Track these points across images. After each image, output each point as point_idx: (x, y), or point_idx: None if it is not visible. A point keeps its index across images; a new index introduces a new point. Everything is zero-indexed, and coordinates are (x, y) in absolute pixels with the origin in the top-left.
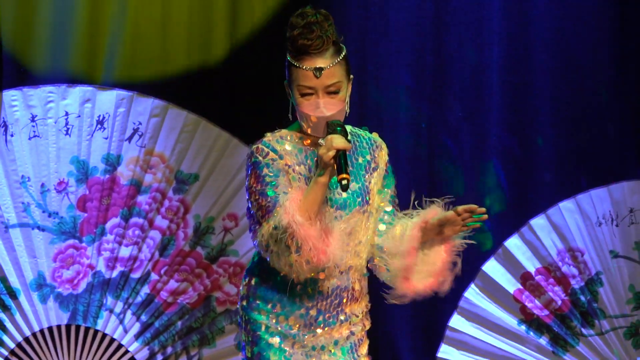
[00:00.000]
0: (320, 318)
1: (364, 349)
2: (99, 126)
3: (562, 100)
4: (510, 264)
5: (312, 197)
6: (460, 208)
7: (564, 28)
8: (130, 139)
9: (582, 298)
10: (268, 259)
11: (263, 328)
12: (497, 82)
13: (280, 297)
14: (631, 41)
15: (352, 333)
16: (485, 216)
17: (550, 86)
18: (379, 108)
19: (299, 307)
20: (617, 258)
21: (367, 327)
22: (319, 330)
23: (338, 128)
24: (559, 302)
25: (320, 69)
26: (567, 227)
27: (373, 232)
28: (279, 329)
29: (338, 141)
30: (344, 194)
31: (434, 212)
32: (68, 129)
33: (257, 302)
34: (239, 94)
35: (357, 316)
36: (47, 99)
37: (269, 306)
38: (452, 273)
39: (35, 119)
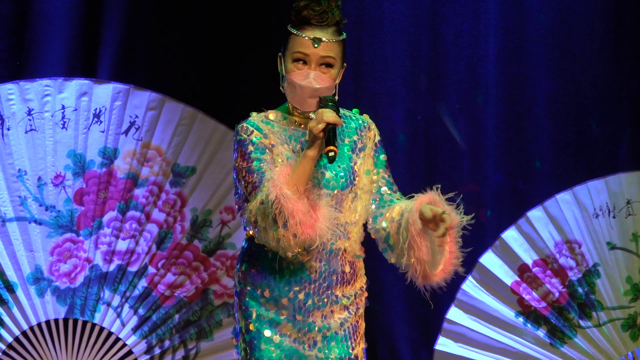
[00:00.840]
0: (310, 302)
1: (358, 336)
2: (96, 119)
3: (558, 92)
4: (508, 256)
5: (301, 171)
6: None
7: (559, 20)
8: (127, 132)
9: (580, 290)
10: (257, 236)
11: (254, 316)
12: (493, 73)
13: (268, 282)
14: (626, 32)
15: (346, 320)
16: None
17: (546, 78)
18: (374, 100)
19: (287, 291)
20: (614, 250)
21: (362, 309)
22: (309, 317)
23: (330, 103)
24: (557, 294)
25: (320, 40)
26: (564, 219)
27: (363, 214)
28: (270, 316)
29: (329, 115)
30: (328, 174)
31: (429, 198)
32: (65, 122)
33: (248, 288)
34: (236, 86)
35: (349, 298)
36: (43, 93)
37: (258, 292)
38: (458, 261)
39: (32, 112)
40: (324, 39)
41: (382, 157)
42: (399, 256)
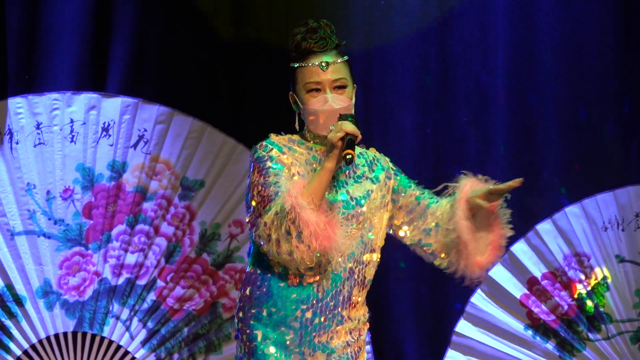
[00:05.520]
0: (317, 320)
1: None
2: (104, 133)
3: (567, 105)
4: (517, 269)
5: (317, 183)
6: (499, 188)
7: (568, 33)
8: (135, 145)
9: (589, 303)
10: (269, 251)
11: (259, 338)
12: (502, 87)
13: (275, 302)
14: (636, 46)
15: (348, 344)
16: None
17: (555, 91)
18: (384, 113)
19: (294, 310)
20: (623, 262)
21: (364, 337)
22: (315, 337)
23: (350, 119)
24: (566, 307)
25: (327, 63)
26: (573, 232)
27: (377, 240)
28: (275, 337)
29: (348, 126)
30: (340, 198)
31: (470, 184)
32: (73, 136)
33: (252, 310)
34: (245, 100)
35: (353, 322)
36: (52, 106)
37: (264, 313)
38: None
39: (41, 126)
40: (330, 61)
41: (402, 175)
42: (447, 249)
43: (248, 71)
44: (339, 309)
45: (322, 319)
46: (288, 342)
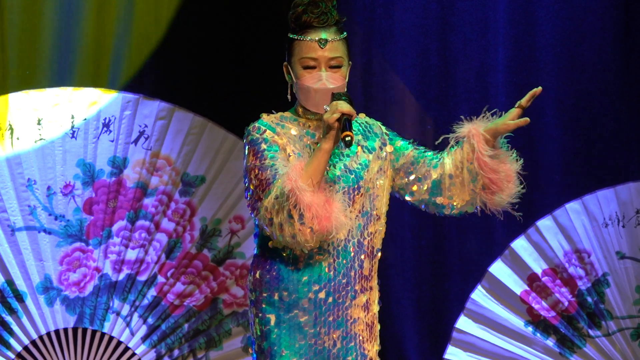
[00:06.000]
0: (330, 299)
1: (373, 338)
2: (105, 129)
3: (568, 101)
4: (517, 265)
5: (315, 164)
6: (524, 101)
7: (569, 29)
8: (136, 141)
9: (589, 299)
10: (272, 234)
11: (272, 322)
12: (503, 82)
13: (287, 285)
14: (636, 42)
15: (362, 320)
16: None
17: (556, 87)
18: (385, 109)
19: (306, 292)
20: (623, 259)
21: (377, 309)
22: (330, 316)
23: (344, 97)
24: (566, 304)
25: (325, 40)
26: (574, 229)
27: (381, 208)
28: (289, 320)
29: (343, 105)
30: (338, 171)
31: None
32: (74, 132)
33: (264, 294)
34: (245, 96)
35: (365, 293)
36: (53, 102)
37: (276, 296)
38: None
39: (41, 122)
40: (329, 38)
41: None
42: (466, 186)
43: (249, 66)
44: (352, 284)
45: (336, 297)
46: (302, 324)
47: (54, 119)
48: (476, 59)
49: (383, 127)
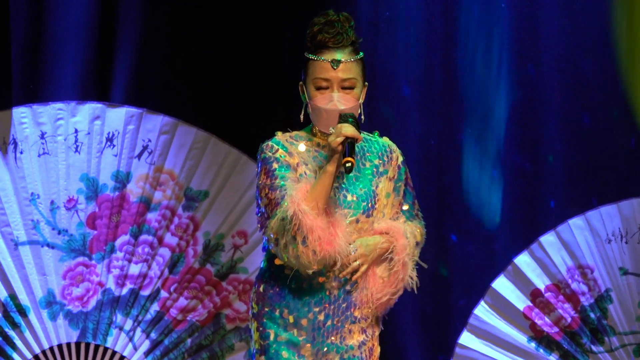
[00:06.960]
0: (329, 322)
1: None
2: (109, 143)
3: (572, 116)
4: (520, 281)
5: (320, 187)
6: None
7: (573, 45)
8: (139, 156)
9: (592, 315)
10: (277, 253)
11: (272, 337)
12: (506, 98)
13: (287, 303)
14: None
15: (363, 343)
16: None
17: (560, 102)
18: (388, 124)
19: (306, 312)
20: (626, 275)
21: (377, 332)
22: (328, 338)
23: (350, 119)
24: (569, 319)
25: (338, 61)
26: (577, 244)
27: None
28: (288, 337)
29: (347, 129)
30: (350, 197)
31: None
32: (77, 146)
33: (266, 309)
34: (249, 111)
35: (366, 320)
36: (56, 116)
37: (277, 312)
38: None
39: (45, 136)
40: (342, 59)
41: (403, 177)
42: None
43: (253, 81)
44: (352, 310)
45: (335, 321)
46: (301, 342)
47: (57, 133)
48: (480, 74)
49: (401, 162)
